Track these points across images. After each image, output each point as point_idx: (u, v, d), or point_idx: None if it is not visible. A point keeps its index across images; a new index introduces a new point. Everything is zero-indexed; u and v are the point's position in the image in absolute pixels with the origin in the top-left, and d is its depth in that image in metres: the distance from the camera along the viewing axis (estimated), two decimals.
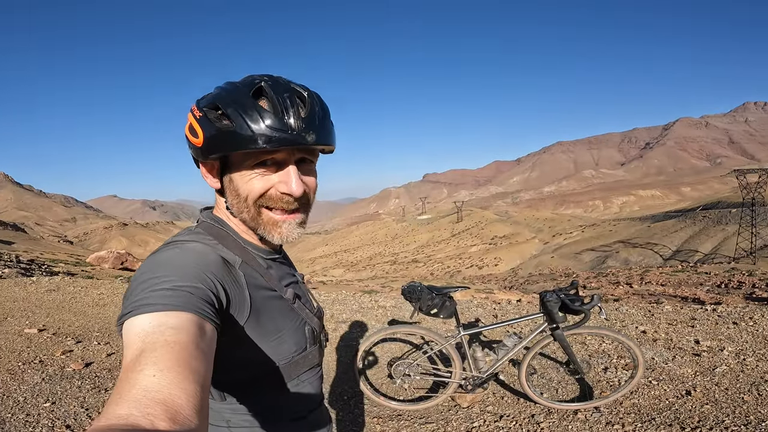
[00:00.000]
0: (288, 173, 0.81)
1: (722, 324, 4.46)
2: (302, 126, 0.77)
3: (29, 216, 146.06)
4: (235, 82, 0.81)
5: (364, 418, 3.05)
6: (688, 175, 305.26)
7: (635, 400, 3.02)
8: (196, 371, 0.54)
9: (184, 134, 0.84)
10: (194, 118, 0.79)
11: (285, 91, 0.78)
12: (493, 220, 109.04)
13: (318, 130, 0.79)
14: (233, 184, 0.82)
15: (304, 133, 0.77)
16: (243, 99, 0.76)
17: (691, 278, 22.47)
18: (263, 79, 0.79)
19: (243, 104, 0.76)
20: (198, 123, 0.78)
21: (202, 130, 0.78)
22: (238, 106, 0.76)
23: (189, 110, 0.82)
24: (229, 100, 0.77)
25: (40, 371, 3.63)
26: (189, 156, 0.87)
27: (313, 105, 0.81)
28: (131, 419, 0.44)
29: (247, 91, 0.77)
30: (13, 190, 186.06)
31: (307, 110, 0.79)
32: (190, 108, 0.83)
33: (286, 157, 0.80)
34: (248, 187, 0.81)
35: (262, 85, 0.78)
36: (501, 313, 5.66)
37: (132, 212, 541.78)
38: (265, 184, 0.81)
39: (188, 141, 0.83)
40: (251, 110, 0.75)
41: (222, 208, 0.89)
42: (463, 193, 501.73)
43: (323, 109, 0.83)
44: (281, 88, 0.78)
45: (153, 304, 0.62)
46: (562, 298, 2.76)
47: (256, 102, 0.77)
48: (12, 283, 7.57)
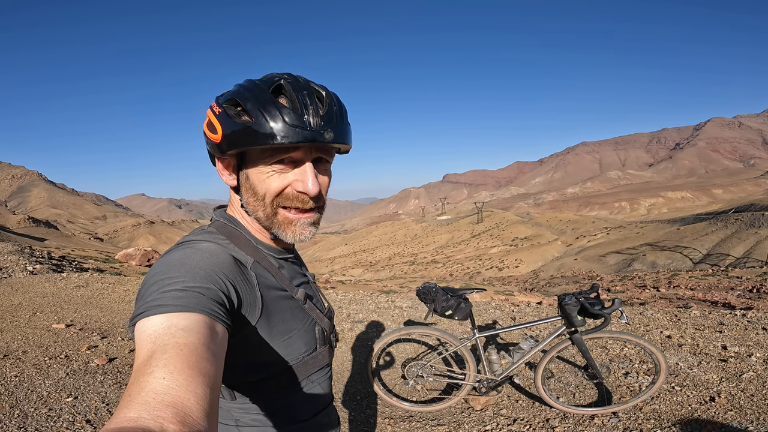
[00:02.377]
0: (305, 171, 0.81)
1: (751, 329, 4.29)
2: (320, 123, 0.78)
3: (61, 214, 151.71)
4: (254, 79, 0.82)
5: (376, 419, 3.05)
6: (720, 177, 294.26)
7: (656, 406, 2.92)
8: (206, 374, 0.55)
9: (202, 131, 0.85)
10: (213, 114, 0.81)
11: (304, 89, 0.79)
12: (514, 221, 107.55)
13: (336, 129, 0.80)
14: (249, 181, 0.83)
15: (323, 130, 0.78)
16: (263, 96, 0.77)
17: (722, 282, 21.64)
18: (283, 77, 0.80)
19: (263, 101, 0.77)
20: (217, 119, 0.79)
21: (221, 126, 0.79)
22: (257, 103, 0.77)
23: (208, 107, 0.84)
24: (248, 96, 0.78)
25: (65, 366, 3.75)
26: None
27: (332, 104, 0.81)
28: (141, 422, 0.44)
29: (266, 88, 0.78)
30: (47, 189, 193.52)
31: (325, 108, 0.80)
32: (209, 105, 0.84)
33: (303, 156, 0.81)
34: (265, 185, 0.81)
35: (281, 82, 0.79)
36: (519, 316, 5.57)
37: (159, 210, 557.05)
38: (282, 182, 0.81)
39: (206, 137, 0.84)
40: (270, 106, 0.76)
41: (236, 206, 0.90)
42: (484, 194, 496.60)
43: (341, 109, 0.84)
44: (300, 87, 0.79)
45: (164, 305, 0.63)
46: (582, 302, 2.69)
47: (275, 99, 0.78)
48: (43, 279, 7.86)
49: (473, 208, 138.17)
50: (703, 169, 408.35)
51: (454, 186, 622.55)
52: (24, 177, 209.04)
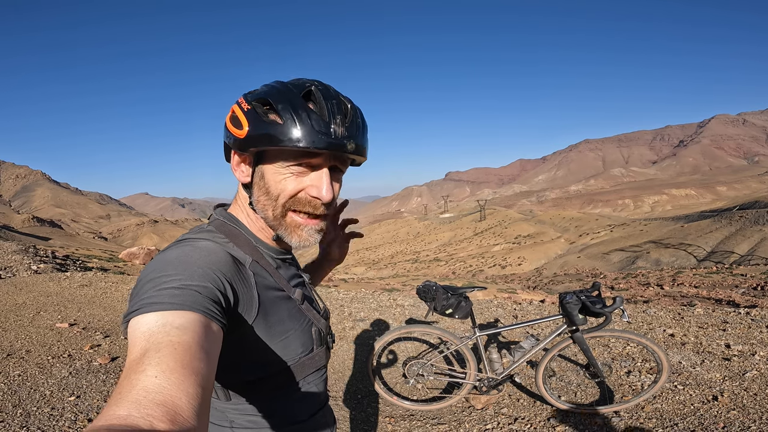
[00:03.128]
0: (321, 177, 0.82)
1: (755, 328, 4.26)
2: (345, 134, 0.80)
3: (66, 213, 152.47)
4: (285, 82, 0.83)
5: (377, 418, 3.05)
6: (725, 174, 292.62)
7: (658, 404, 2.91)
8: (199, 373, 0.54)
9: (224, 125, 0.85)
10: (241, 110, 0.81)
11: (333, 98, 0.81)
12: (516, 219, 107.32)
13: (358, 140, 0.82)
14: (264, 180, 0.83)
15: (346, 141, 0.79)
16: (294, 99, 0.79)
17: (726, 280, 21.54)
18: (314, 83, 0.82)
19: (294, 103, 0.78)
20: (245, 115, 0.80)
21: (248, 122, 0.79)
22: (289, 105, 0.78)
23: (234, 103, 0.84)
24: (280, 98, 0.79)
25: (68, 365, 3.76)
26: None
27: (356, 117, 0.84)
28: (130, 420, 0.43)
29: (297, 92, 0.80)
30: (51, 188, 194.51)
31: (349, 120, 0.82)
32: (236, 101, 0.84)
33: (321, 162, 0.82)
34: (281, 186, 0.82)
35: (312, 89, 0.81)
36: (521, 314, 5.56)
37: (162, 209, 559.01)
38: (297, 185, 0.82)
39: (228, 131, 0.84)
40: (301, 110, 0.77)
41: (242, 203, 0.90)
42: (486, 192, 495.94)
43: (363, 123, 0.86)
44: (330, 95, 0.81)
45: (159, 302, 0.62)
46: (583, 300, 2.68)
47: (305, 103, 0.79)
48: (47, 278, 7.90)
49: (476, 206, 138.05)
50: (707, 167, 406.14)
51: (457, 184, 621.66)
52: (28, 176, 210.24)
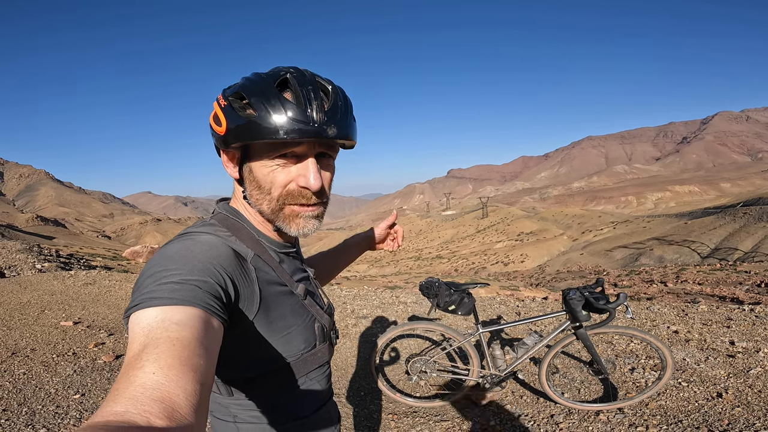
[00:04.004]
0: (307, 167, 0.80)
1: (759, 325, 4.24)
2: (324, 119, 0.77)
3: (69, 212, 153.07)
4: (261, 73, 0.81)
5: (380, 415, 3.05)
6: (728, 171, 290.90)
7: (662, 401, 2.90)
8: (198, 369, 0.54)
9: (209, 123, 0.84)
10: (219, 107, 0.80)
11: (309, 83, 0.78)
12: (519, 216, 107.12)
13: (339, 124, 0.79)
14: (253, 174, 0.82)
15: (326, 126, 0.77)
16: (267, 90, 0.77)
17: (730, 277, 21.45)
18: (289, 71, 0.80)
19: (267, 95, 0.76)
20: (222, 111, 0.79)
21: (225, 119, 0.78)
22: (262, 97, 0.76)
23: (215, 100, 0.83)
24: (253, 90, 0.77)
25: (73, 363, 3.78)
26: (218, 153, 0.88)
27: (337, 99, 0.81)
28: (127, 416, 0.43)
29: (272, 82, 0.77)
30: (54, 187, 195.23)
31: (330, 103, 0.79)
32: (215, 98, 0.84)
33: (306, 151, 0.80)
34: (269, 178, 0.81)
35: (287, 77, 0.78)
36: (524, 311, 5.55)
37: (165, 208, 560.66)
38: (285, 176, 0.81)
39: (212, 129, 0.83)
40: (275, 101, 0.75)
41: (239, 198, 0.89)
42: (489, 189, 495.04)
43: (346, 104, 0.83)
44: (306, 81, 0.79)
45: (160, 297, 0.62)
46: (586, 296, 2.67)
47: (280, 93, 0.77)
48: (51, 277, 7.93)
49: (478, 203, 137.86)
50: (710, 163, 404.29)
51: (459, 181, 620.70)
52: (31, 176, 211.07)
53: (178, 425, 0.45)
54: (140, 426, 0.43)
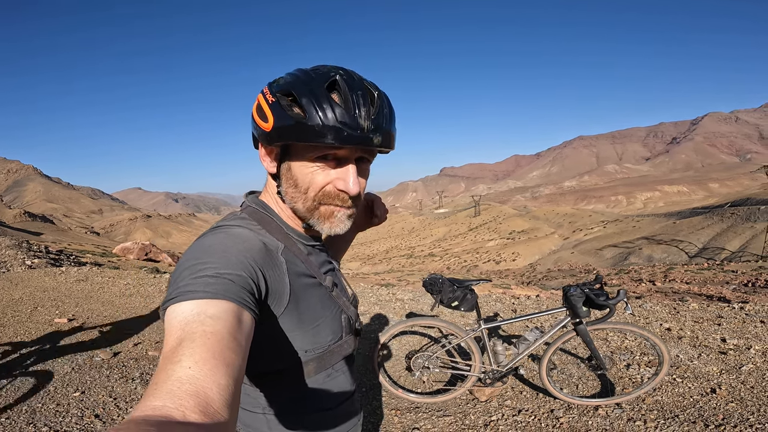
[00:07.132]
0: (347, 171, 0.81)
1: (749, 322, 4.34)
2: (371, 126, 0.76)
3: (57, 208, 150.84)
4: (308, 70, 0.80)
5: (382, 410, 3.07)
6: (717, 171, 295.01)
7: (658, 397, 2.96)
8: (231, 364, 0.55)
9: (251, 114, 0.83)
10: (266, 102, 0.79)
11: (358, 88, 0.77)
12: (511, 214, 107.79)
13: (384, 133, 0.79)
14: (291, 172, 0.82)
15: (372, 134, 0.77)
16: (318, 91, 0.75)
17: (717, 276, 21.79)
18: (338, 72, 0.78)
19: (318, 96, 0.74)
20: (270, 108, 0.78)
21: (273, 116, 0.77)
22: (312, 97, 0.74)
23: (260, 92, 0.82)
24: (303, 90, 0.76)
25: (70, 361, 3.75)
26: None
27: (383, 106, 0.80)
28: (164, 410, 0.45)
29: (321, 83, 0.76)
30: (42, 183, 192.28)
31: (376, 110, 0.78)
32: (261, 90, 0.82)
33: (347, 155, 0.80)
34: (308, 179, 0.81)
35: (336, 78, 0.77)
36: (520, 308, 5.61)
37: (155, 204, 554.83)
38: (324, 178, 0.81)
39: (255, 123, 0.82)
40: (325, 104, 0.74)
41: (271, 192, 0.90)
42: (481, 187, 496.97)
43: (391, 112, 0.83)
44: (355, 85, 0.77)
45: (195, 291, 0.63)
46: (587, 293, 2.71)
47: (329, 95, 0.75)
48: (42, 273, 7.83)
49: (471, 202, 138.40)
50: (699, 164, 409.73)
51: (452, 179, 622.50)
52: (19, 171, 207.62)
53: (212, 421, 0.47)
54: (177, 420, 0.44)
